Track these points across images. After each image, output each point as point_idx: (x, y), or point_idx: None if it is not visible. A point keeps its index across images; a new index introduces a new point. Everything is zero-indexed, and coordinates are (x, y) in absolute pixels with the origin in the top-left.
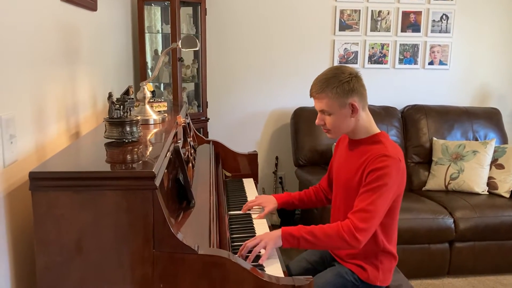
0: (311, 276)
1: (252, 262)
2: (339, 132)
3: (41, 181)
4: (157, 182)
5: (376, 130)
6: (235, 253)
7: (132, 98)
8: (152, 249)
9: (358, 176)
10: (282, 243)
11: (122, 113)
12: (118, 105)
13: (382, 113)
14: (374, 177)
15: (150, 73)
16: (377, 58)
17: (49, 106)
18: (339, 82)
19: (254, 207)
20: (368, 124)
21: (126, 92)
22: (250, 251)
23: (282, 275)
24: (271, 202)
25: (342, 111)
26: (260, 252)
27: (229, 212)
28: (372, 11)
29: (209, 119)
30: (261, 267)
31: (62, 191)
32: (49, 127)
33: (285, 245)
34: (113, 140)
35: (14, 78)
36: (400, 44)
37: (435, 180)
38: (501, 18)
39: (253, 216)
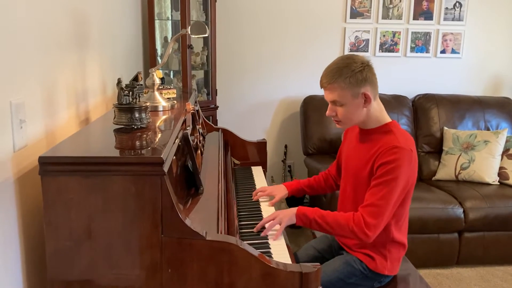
0: (318, 263)
1: (262, 249)
2: (351, 123)
3: (51, 166)
4: (166, 168)
5: (387, 119)
6: (243, 240)
7: (141, 84)
8: (160, 234)
9: (368, 167)
10: (296, 220)
11: (131, 99)
12: (127, 91)
13: (392, 102)
14: (385, 171)
15: (159, 60)
16: (389, 46)
17: (59, 91)
18: (352, 72)
19: (264, 196)
20: (379, 113)
21: (135, 78)
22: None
23: (290, 262)
24: (281, 190)
25: (354, 101)
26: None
27: (237, 199)
28: None
29: (218, 106)
30: (269, 254)
31: (72, 176)
32: (59, 113)
33: (298, 223)
34: (122, 126)
35: (24, 64)
36: (412, 32)
37: (445, 170)
38: None
39: (262, 204)
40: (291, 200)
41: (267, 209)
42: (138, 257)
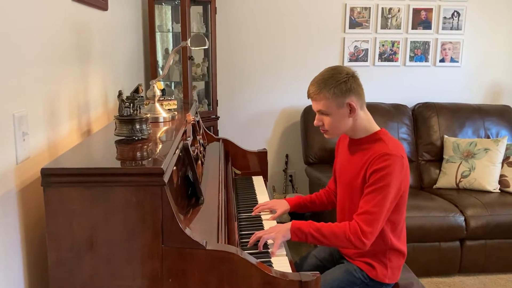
0: (317, 272)
1: (262, 258)
2: (337, 133)
3: (53, 177)
4: (166, 179)
5: (376, 128)
6: (244, 249)
7: (142, 96)
8: (161, 244)
9: (361, 176)
10: (291, 236)
11: (132, 111)
12: (128, 103)
13: (392, 111)
14: (378, 178)
15: (161, 72)
16: (388, 55)
17: (61, 104)
18: (336, 82)
19: (265, 210)
20: (367, 122)
21: (136, 90)
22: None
23: (290, 271)
24: (282, 204)
25: (340, 111)
26: (268, 246)
27: (238, 209)
28: (382, 8)
29: (219, 117)
30: (269, 263)
31: (73, 187)
32: (61, 125)
33: (293, 238)
34: (123, 137)
35: (26, 76)
36: (410, 42)
37: (446, 178)
38: None
39: (263, 217)
40: (293, 213)
41: (267, 220)
42: (139, 267)
